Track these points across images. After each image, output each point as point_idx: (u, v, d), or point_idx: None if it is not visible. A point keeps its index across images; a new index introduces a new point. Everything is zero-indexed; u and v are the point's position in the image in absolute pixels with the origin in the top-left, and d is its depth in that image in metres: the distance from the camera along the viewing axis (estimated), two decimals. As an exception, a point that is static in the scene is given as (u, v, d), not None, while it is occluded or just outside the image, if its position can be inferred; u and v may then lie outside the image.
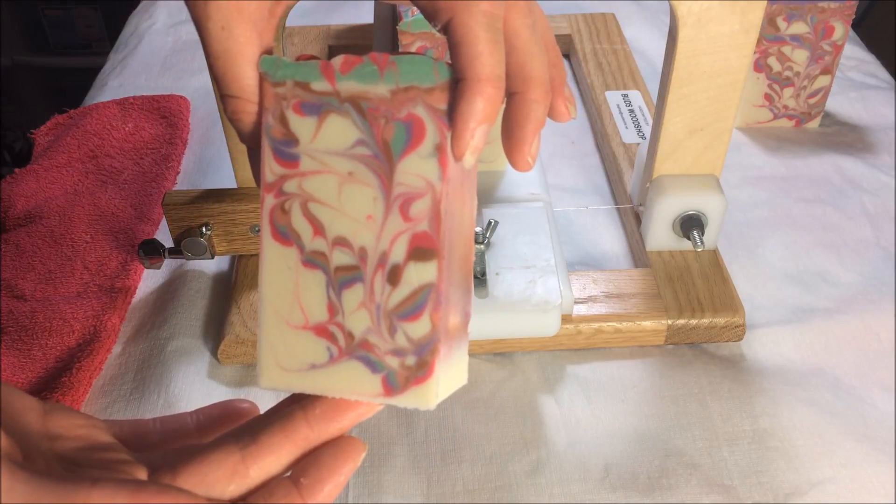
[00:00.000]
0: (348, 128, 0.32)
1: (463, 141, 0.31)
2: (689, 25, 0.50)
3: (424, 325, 0.31)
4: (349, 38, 0.83)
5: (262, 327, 0.33)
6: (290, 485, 0.32)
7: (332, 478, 0.32)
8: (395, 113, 0.31)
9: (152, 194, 0.67)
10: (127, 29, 0.95)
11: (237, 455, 0.31)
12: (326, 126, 0.32)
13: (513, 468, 0.49)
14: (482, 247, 0.51)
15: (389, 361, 0.32)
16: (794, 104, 0.73)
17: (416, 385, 0.32)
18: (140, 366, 0.55)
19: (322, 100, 0.32)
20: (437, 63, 0.31)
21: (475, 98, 0.31)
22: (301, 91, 0.32)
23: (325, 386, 0.33)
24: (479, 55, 0.31)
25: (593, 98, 0.75)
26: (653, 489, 0.48)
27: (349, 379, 0.32)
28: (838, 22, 0.67)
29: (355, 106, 0.32)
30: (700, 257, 0.58)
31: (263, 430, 0.32)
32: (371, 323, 0.32)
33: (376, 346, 0.32)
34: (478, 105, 0.31)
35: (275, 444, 0.32)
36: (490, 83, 0.31)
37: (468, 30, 0.31)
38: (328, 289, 0.32)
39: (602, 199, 0.68)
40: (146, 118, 0.75)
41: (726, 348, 0.56)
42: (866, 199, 0.68)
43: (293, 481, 0.32)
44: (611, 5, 0.90)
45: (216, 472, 0.31)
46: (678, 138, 0.55)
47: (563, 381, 0.54)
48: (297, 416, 0.33)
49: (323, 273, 0.32)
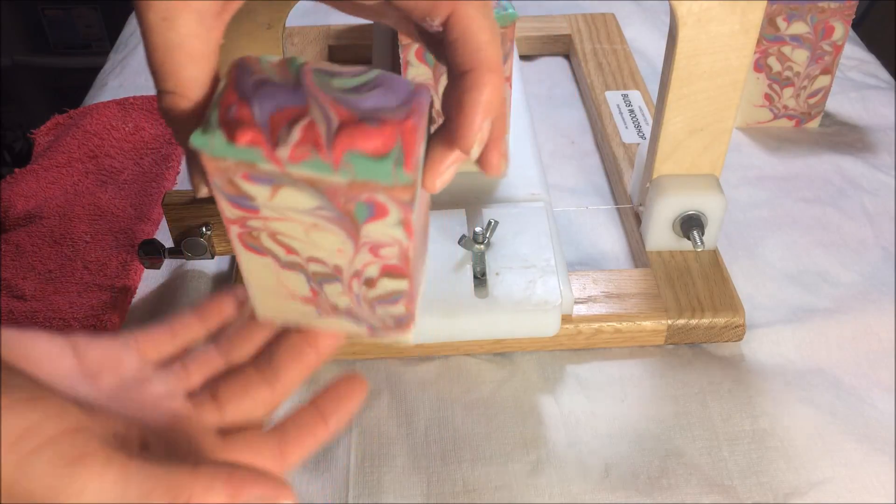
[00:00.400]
0: (306, 197, 0.30)
1: (471, 133, 0.31)
2: (689, 25, 0.50)
3: (401, 309, 0.34)
4: (349, 38, 0.83)
5: (253, 299, 0.35)
6: (312, 409, 0.34)
7: (346, 406, 0.35)
8: (356, 196, 0.30)
9: (152, 194, 0.67)
10: (127, 29, 0.95)
11: (258, 379, 0.34)
12: (283, 193, 0.30)
13: (513, 468, 0.49)
14: (482, 247, 0.51)
15: (373, 321, 0.35)
16: (794, 104, 0.73)
17: (396, 332, 0.35)
18: (140, 366, 0.55)
19: (272, 176, 0.30)
20: (396, 168, 0.29)
21: (483, 89, 0.31)
22: (246, 167, 0.30)
23: (316, 325, 0.36)
24: (484, 47, 0.31)
25: (593, 98, 0.75)
26: (653, 489, 0.48)
27: (337, 325, 0.35)
28: (838, 22, 0.67)
29: (310, 184, 0.30)
30: (700, 257, 0.58)
31: (277, 357, 0.35)
32: (353, 304, 0.34)
33: (359, 314, 0.34)
34: (485, 96, 0.31)
35: (289, 369, 0.35)
36: (495, 74, 0.31)
37: (471, 21, 0.31)
38: (310, 282, 0.34)
39: (602, 199, 0.68)
40: (146, 118, 0.75)
41: (726, 348, 0.56)
42: (866, 199, 0.68)
43: (314, 406, 0.35)
44: (611, 5, 0.90)
45: (245, 399, 0.34)
46: (678, 138, 0.55)
47: (563, 381, 0.54)
48: (302, 342, 0.35)
49: (303, 274, 0.33)
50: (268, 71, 0.30)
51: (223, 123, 0.29)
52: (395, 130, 0.29)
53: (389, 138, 0.29)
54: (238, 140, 0.29)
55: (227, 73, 0.30)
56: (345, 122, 0.29)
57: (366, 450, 0.50)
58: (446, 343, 0.55)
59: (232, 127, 0.29)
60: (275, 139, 0.29)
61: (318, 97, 0.29)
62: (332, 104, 0.29)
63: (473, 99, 0.31)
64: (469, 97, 0.31)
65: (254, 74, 0.30)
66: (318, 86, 0.30)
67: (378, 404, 0.53)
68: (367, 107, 0.30)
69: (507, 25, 0.52)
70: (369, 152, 0.29)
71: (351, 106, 0.29)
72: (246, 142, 0.29)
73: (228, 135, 0.29)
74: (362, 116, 0.29)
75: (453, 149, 0.32)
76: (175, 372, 0.34)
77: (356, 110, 0.29)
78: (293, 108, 0.29)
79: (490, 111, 0.31)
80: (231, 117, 0.29)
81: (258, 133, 0.29)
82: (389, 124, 0.29)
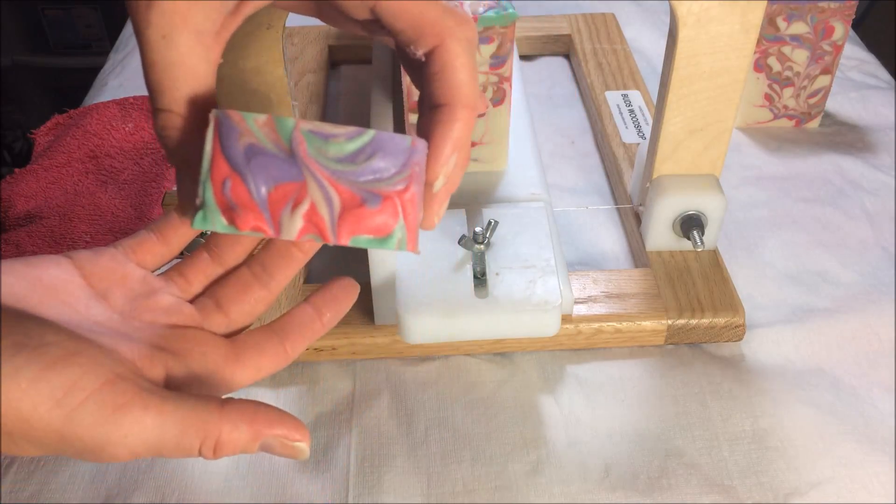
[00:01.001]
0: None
1: (439, 164, 0.32)
2: (689, 25, 0.50)
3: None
4: (349, 38, 0.83)
5: None
6: (308, 307, 0.36)
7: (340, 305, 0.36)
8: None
9: (152, 194, 0.67)
10: (127, 29, 0.95)
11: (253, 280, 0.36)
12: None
13: (513, 468, 0.49)
14: (482, 247, 0.51)
15: None
16: (794, 104, 0.73)
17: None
18: (140, 366, 0.55)
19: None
20: (399, 245, 0.30)
21: (455, 124, 0.32)
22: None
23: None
24: (462, 83, 0.32)
25: (593, 98, 0.75)
26: (653, 489, 0.48)
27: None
28: (838, 22, 0.67)
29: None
30: (700, 257, 0.58)
31: (267, 258, 0.36)
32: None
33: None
34: (456, 131, 0.32)
35: (279, 267, 0.36)
36: (469, 110, 0.32)
37: (454, 57, 0.32)
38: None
39: (602, 199, 0.68)
40: (146, 118, 0.75)
41: (726, 348, 0.56)
42: (866, 199, 0.68)
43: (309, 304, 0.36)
44: (611, 5, 0.90)
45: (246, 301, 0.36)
46: (678, 138, 0.55)
47: (563, 381, 0.54)
48: (287, 243, 0.36)
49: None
50: (255, 133, 0.30)
51: (221, 206, 0.30)
52: (395, 206, 0.30)
53: (391, 216, 0.30)
54: (240, 227, 0.30)
55: (210, 127, 0.30)
56: (346, 205, 0.30)
57: (366, 450, 0.50)
58: (446, 343, 0.55)
59: (231, 212, 0.30)
60: (276, 222, 0.30)
61: (316, 172, 0.29)
62: (330, 181, 0.29)
63: (444, 132, 0.32)
64: (440, 129, 0.32)
65: (242, 137, 0.29)
66: (314, 157, 0.30)
67: (378, 404, 0.53)
68: (365, 180, 0.30)
69: (507, 25, 0.52)
70: (373, 235, 0.30)
71: (350, 181, 0.30)
72: (248, 229, 0.30)
73: (228, 220, 0.30)
74: (363, 196, 0.30)
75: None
76: (176, 281, 0.36)
77: (355, 187, 0.30)
78: (290, 184, 0.29)
79: (460, 145, 0.32)
80: (228, 198, 0.29)
81: (260, 219, 0.30)
82: (390, 200, 0.30)
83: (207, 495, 0.48)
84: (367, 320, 0.55)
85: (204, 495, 0.48)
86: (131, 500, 0.48)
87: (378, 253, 0.50)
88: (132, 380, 0.29)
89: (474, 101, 0.32)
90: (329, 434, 0.51)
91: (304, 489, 0.49)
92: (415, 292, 0.49)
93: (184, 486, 0.49)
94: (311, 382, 0.54)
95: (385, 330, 0.54)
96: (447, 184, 0.33)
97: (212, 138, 0.30)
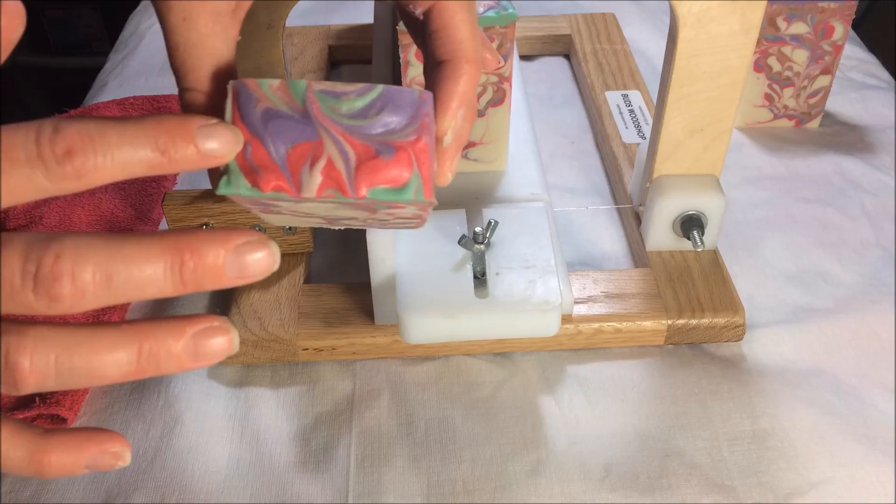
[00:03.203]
0: (329, 204, 0.32)
1: (446, 118, 0.32)
2: (689, 25, 0.50)
3: (411, 223, 0.37)
4: (349, 38, 0.83)
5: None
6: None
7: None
8: (378, 206, 0.32)
9: (152, 194, 0.67)
10: (127, 29, 0.95)
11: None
12: (306, 203, 0.32)
13: (513, 468, 0.49)
14: (482, 247, 0.51)
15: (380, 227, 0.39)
16: (794, 104, 0.73)
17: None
18: (140, 366, 0.55)
19: (297, 200, 0.32)
20: (416, 194, 0.31)
21: (460, 78, 0.32)
22: (273, 201, 0.32)
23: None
24: (464, 39, 0.32)
25: (593, 98, 0.75)
26: (653, 489, 0.48)
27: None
28: (838, 22, 0.67)
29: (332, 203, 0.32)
30: (700, 257, 0.58)
31: None
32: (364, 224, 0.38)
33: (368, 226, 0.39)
34: (461, 85, 0.32)
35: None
36: (473, 65, 0.32)
37: (453, 14, 0.32)
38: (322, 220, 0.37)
39: (602, 199, 0.68)
40: (146, 118, 0.75)
41: (726, 348, 0.56)
42: (866, 199, 0.68)
43: None
44: (611, 5, 0.90)
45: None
46: (678, 138, 0.55)
47: (563, 381, 0.54)
48: None
49: (319, 219, 0.37)
50: (271, 97, 0.31)
51: (244, 169, 0.31)
52: (409, 156, 0.31)
53: (406, 166, 0.31)
54: (263, 188, 0.31)
55: (229, 97, 0.31)
56: (361, 157, 0.31)
57: (366, 450, 0.50)
58: (446, 343, 0.55)
59: (254, 174, 0.31)
60: (297, 181, 0.31)
61: (330, 129, 0.31)
62: (344, 136, 0.31)
63: (450, 87, 0.32)
64: (446, 85, 0.32)
65: (259, 102, 0.31)
66: (327, 114, 0.31)
67: (378, 404, 0.53)
68: (378, 133, 0.31)
69: (507, 25, 0.52)
70: (390, 185, 0.31)
71: (363, 135, 0.31)
72: (271, 189, 0.31)
73: (252, 182, 0.31)
74: (377, 148, 0.31)
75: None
76: None
77: (369, 140, 0.31)
78: (307, 143, 0.31)
79: (466, 100, 0.32)
80: (250, 161, 0.30)
81: (281, 179, 0.30)
82: (403, 150, 0.31)
83: (207, 495, 0.48)
84: (367, 320, 0.55)
85: (204, 495, 0.48)
86: (131, 500, 0.48)
87: (378, 253, 0.50)
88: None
89: (477, 56, 0.33)
90: (329, 434, 0.51)
91: (304, 489, 0.49)
92: (415, 292, 0.49)
93: (184, 486, 0.49)
94: (311, 382, 0.54)
95: (385, 330, 0.54)
96: (456, 139, 0.33)
97: (231, 107, 0.31)
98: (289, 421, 0.52)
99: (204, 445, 0.51)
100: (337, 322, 0.54)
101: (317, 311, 0.55)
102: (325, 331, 0.54)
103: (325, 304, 0.56)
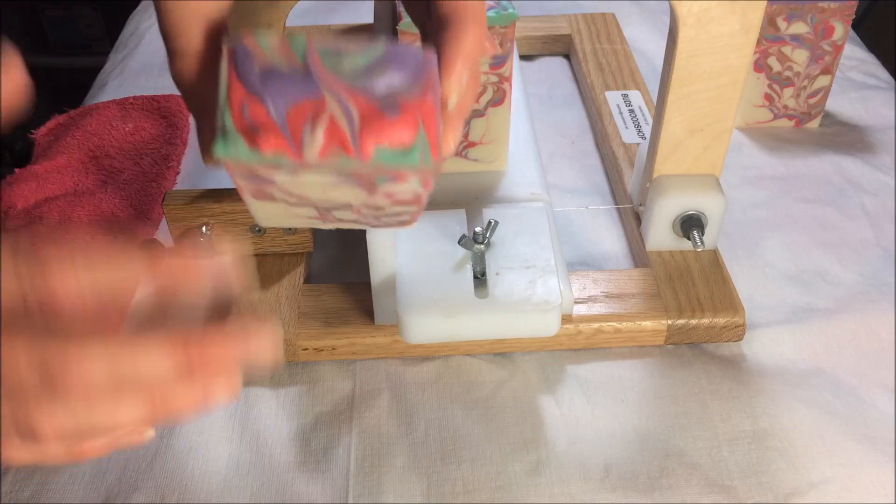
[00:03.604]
0: (329, 176, 0.30)
1: (451, 80, 0.31)
2: (689, 25, 0.50)
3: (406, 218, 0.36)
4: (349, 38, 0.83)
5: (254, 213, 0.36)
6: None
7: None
8: (381, 175, 0.30)
9: (152, 194, 0.67)
10: (127, 29, 0.95)
11: None
12: (305, 176, 0.30)
13: (513, 468, 0.49)
14: (482, 247, 0.51)
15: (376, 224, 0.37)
16: (794, 104, 0.73)
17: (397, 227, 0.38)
18: (140, 366, 0.55)
19: (296, 168, 0.29)
20: (423, 157, 0.29)
21: (465, 39, 0.31)
22: (271, 166, 0.29)
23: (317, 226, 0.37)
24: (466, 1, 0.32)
25: (593, 98, 0.75)
26: (653, 489, 0.48)
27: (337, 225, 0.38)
28: (838, 22, 0.67)
29: (335, 170, 0.30)
30: (700, 257, 0.58)
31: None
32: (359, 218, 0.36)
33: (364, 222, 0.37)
34: (466, 45, 0.31)
35: None
36: (478, 25, 0.31)
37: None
38: (318, 210, 0.34)
39: (602, 199, 0.68)
40: (146, 118, 0.75)
41: (726, 348, 0.56)
42: (866, 199, 0.68)
43: None
44: (611, 5, 0.90)
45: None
46: (678, 138, 0.55)
47: (563, 381, 0.54)
48: None
49: (313, 208, 0.34)
50: (270, 55, 0.29)
51: (241, 130, 0.28)
52: (414, 115, 0.29)
53: (411, 126, 0.29)
54: (262, 149, 0.29)
55: (224, 57, 0.30)
56: (365, 116, 0.29)
57: (366, 450, 0.50)
58: (446, 343, 0.55)
59: (252, 134, 0.28)
60: (297, 141, 0.28)
61: (332, 87, 0.29)
62: (347, 93, 0.29)
63: (454, 48, 0.31)
64: (450, 46, 0.31)
65: (257, 60, 0.29)
66: (329, 71, 0.29)
67: (378, 404, 0.53)
68: (382, 90, 0.29)
69: (507, 25, 0.52)
70: (395, 145, 0.29)
71: (367, 92, 0.29)
72: (270, 149, 0.28)
73: (250, 142, 0.29)
74: (381, 105, 0.29)
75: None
76: None
77: (373, 97, 0.29)
78: (308, 100, 0.29)
79: (470, 63, 0.31)
80: (248, 121, 0.28)
81: (281, 139, 0.28)
82: (408, 109, 0.29)
83: (207, 495, 0.48)
84: (367, 320, 0.55)
85: (204, 495, 0.48)
86: (131, 500, 0.48)
87: (378, 253, 0.50)
88: None
89: (482, 17, 0.32)
90: (329, 434, 0.51)
91: (304, 489, 0.49)
92: (415, 292, 0.49)
93: (184, 486, 0.49)
94: (311, 382, 0.54)
95: (385, 330, 0.54)
96: (460, 105, 0.32)
97: (226, 67, 0.29)
98: (289, 421, 0.52)
99: (204, 445, 0.51)
100: (337, 322, 0.54)
101: (317, 311, 0.55)
102: (325, 331, 0.54)
103: (325, 303, 0.56)
